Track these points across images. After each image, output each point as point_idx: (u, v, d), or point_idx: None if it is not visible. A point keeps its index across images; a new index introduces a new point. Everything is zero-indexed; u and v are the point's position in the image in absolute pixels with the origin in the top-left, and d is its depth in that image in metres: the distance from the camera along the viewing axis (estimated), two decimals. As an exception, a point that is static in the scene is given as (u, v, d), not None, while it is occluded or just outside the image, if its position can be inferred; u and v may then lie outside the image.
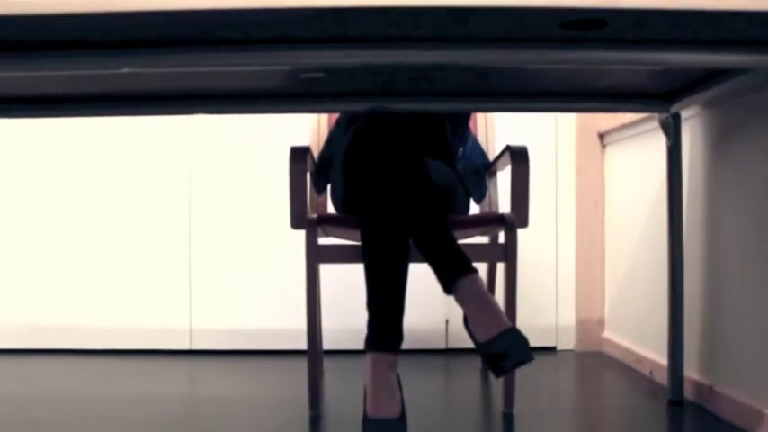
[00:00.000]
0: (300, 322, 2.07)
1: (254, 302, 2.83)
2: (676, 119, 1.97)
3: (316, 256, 1.92)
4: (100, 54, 1.33)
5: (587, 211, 2.82)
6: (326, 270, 2.51)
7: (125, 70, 1.36)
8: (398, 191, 1.79)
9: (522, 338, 1.59)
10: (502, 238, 1.95)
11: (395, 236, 1.78)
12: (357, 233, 1.86)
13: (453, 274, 1.68)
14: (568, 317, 2.85)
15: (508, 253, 1.91)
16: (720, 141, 1.89)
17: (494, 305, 1.65)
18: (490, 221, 1.99)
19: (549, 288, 2.85)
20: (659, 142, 2.21)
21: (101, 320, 2.81)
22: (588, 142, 2.82)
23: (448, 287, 1.71)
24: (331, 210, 2.23)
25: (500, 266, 2.22)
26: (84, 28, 1.25)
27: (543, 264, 2.83)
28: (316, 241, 1.94)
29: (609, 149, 2.80)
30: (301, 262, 1.91)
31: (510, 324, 1.61)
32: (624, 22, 1.23)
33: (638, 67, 1.55)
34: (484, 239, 2.24)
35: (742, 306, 1.78)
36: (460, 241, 1.88)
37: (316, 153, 2.26)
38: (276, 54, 1.32)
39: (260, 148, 2.82)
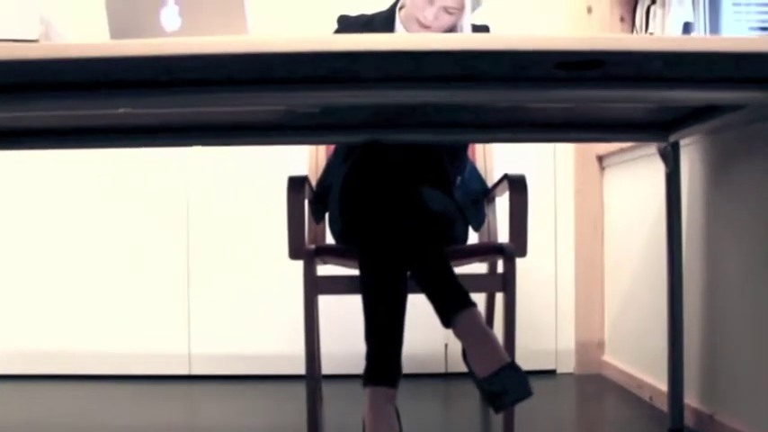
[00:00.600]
0: (300, 347, 2.06)
1: (254, 327, 2.81)
2: (675, 147, 1.97)
3: (314, 288, 1.91)
4: (96, 95, 1.32)
5: (586, 233, 2.82)
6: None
7: (121, 110, 1.35)
8: (396, 223, 1.79)
9: (520, 375, 1.58)
10: (500, 266, 1.94)
11: (393, 269, 1.78)
12: (356, 263, 1.86)
13: (452, 308, 1.68)
14: (568, 339, 2.83)
15: (507, 283, 1.90)
16: (719, 168, 1.88)
17: (493, 340, 1.64)
18: (489, 251, 1.98)
19: (548, 310, 2.84)
20: (658, 165, 2.20)
21: (100, 346, 2.80)
22: (587, 164, 2.82)
23: (446, 321, 1.70)
24: (329, 238, 2.22)
25: (499, 295, 2.20)
26: (81, 71, 1.25)
27: (542, 285, 2.82)
28: (314, 273, 1.93)
29: (608, 172, 2.79)
30: (301, 286, 1.91)
31: (509, 359, 1.60)
32: (622, 63, 1.23)
33: (636, 104, 1.55)
34: (482, 268, 2.23)
35: (743, 334, 1.77)
36: (459, 270, 1.88)
37: (314, 180, 2.25)
38: (272, 95, 1.32)
39: (258, 174, 2.81)
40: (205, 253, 2.82)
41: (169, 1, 1.43)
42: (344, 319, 2.68)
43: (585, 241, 2.81)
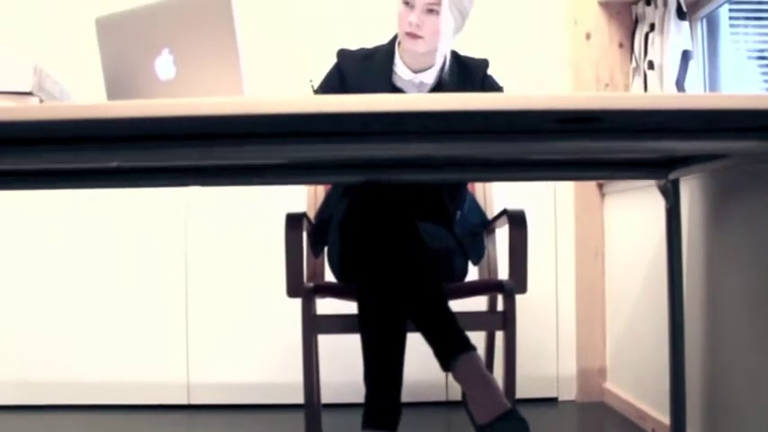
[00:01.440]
0: (299, 376, 2.05)
1: (253, 356, 2.80)
2: (675, 183, 1.96)
3: (312, 327, 1.90)
4: (88, 150, 1.32)
5: (587, 260, 2.80)
6: (324, 310, 2.47)
7: (114, 164, 1.34)
8: (394, 261, 1.78)
9: (520, 421, 1.57)
10: (500, 303, 1.93)
11: (392, 311, 1.77)
12: (354, 300, 1.85)
13: (451, 352, 1.67)
14: (569, 366, 2.82)
15: (507, 322, 1.89)
16: (720, 202, 1.87)
17: (493, 385, 1.63)
18: (488, 288, 1.97)
19: (549, 336, 2.82)
20: (658, 194, 2.19)
21: (98, 375, 2.79)
22: (587, 191, 2.81)
23: (446, 365, 1.70)
24: (328, 271, 2.20)
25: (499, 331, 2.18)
26: (74, 128, 1.24)
27: (543, 311, 2.81)
28: (312, 311, 1.92)
29: (608, 198, 2.78)
30: (300, 317, 1.90)
31: (509, 406, 1.59)
32: (617, 119, 1.23)
33: (634, 154, 1.54)
34: (482, 303, 2.22)
35: (745, 367, 1.76)
36: (458, 307, 1.87)
37: (312, 213, 2.24)
38: (268, 149, 1.31)
39: (257, 204, 2.79)
40: (203, 281, 2.81)
41: (164, 50, 1.43)
42: (344, 347, 2.67)
43: (586, 267, 2.80)
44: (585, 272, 2.80)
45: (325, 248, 2.15)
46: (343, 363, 2.65)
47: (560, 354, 2.82)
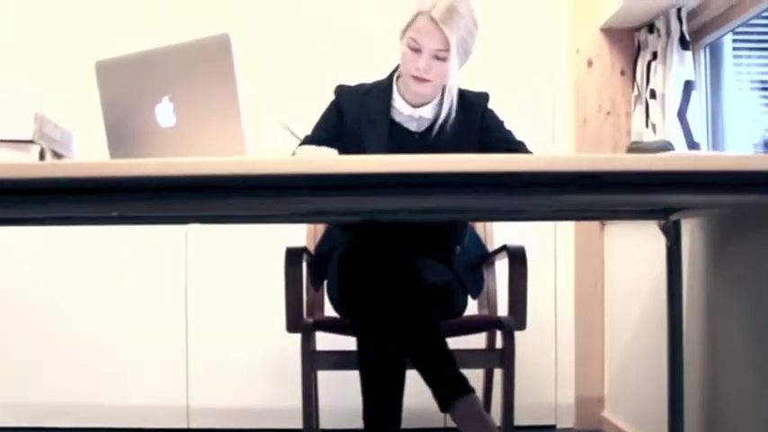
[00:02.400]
0: (299, 401, 2.05)
1: (252, 380, 2.79)
2: (676, 223, 1.96)
3: (311, 364, 1.90)
4: (89, 202, 1.31)
5: (587, 289, 2.79)
6: (323, 342, 2.45)
7: (114, 214, 1.34)
8: (393, 303, 1.78)
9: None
10: (499, 339, 1.92)
11: (391, 350, 1.77)
12: (353, 336, 1.85)
13: (450, 394, 1.67)
14: (568, 394, 2.81)
15: (506, 359, 1.89)
16: (721, 240, 1.87)
17: (491, 428, 1.63)
18: (487, 326, 1.96)
19: (548, 363, 2.82)
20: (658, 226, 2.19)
21: (97, 398, 2.78)
22: (587, 222, 2.80)
23: (444, 406, 1.69)
24: (328, 305, 2.19)
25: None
26: (76, 181, 1.23)
27: (542, 339, 2.80)
28: (311, 348, 1.92)
29: (608, 229, 2.78)
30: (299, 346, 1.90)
31: (508, 451, 1.59)
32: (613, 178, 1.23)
33: (635, 207, 1.54)
34: (480, 340, 2.20)
35: (744, 401, 1.75)
36: (456, 344, 1.86)
37: (312, 245, 2.24)
38: (269, 202, 1.30)
39: (257, 234, 2.78)
40: (203, 305, 2.80)
41: (164, 98, 1.42)
42: (343, 372, 2.66)
43: (586, 296, 2.79)
44: (585, 300, 2.79)
45: (325, 281, 2.15)
46: (343, 387, 2.65)
47: (559, 381, 2.81)
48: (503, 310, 2.16)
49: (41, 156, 1.39)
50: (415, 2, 1.89)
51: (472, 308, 2.24)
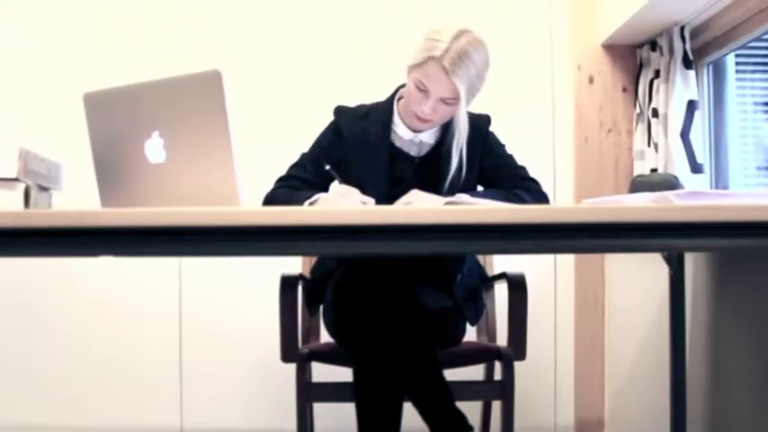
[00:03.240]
0: (293, 423, 2.01)
1: (247, 410, 2.74)
2: (679, 254, 1.92)
3: (307, 395, 1.86)
4: (77, 245, 1.27)
5: (587, 309, 2.75)
6: (319, 370, 2.41)
7: (102, 257, 1.30)
8: (389, 334, 1.74)
9: None
10: (498, 370, 1.88)
11: (387, 384, 1.74)
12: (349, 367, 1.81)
13: (448, 433, 1.63)
14: (567, 417, 2.77)
15: (505, 392, 1.85)
16: (724, 272, 1.84)
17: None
18: (486, 357, 1.92)
19: (547, 386, 2.77)
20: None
21: (92, 421, 2.73)
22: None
23: (442, 445, 1.66)
24: (323, 332, 2.15)
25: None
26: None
27: (541, 361, 2.75)
28: (307, 379, 1.88)
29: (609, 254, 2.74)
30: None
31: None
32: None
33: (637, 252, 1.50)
34: (479, 370, 2.15)
35: (747, 426, 1.72)
36: (454, 376, 1.83)
37: (308, 268, 2.20)
38: (263, 246, 1.26)
39: (251, 259, 2.73)
40: (198, 331, 2.75)
41: (154, 133, 1.38)
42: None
43: (586, 319, 2.74)
44: (585, 321, 2.75)
45: (321, 306, 2.11)
46: (339, 417, 2.61)
47: (558, 404, 2.77)
48: (501, 334, 2.12)
49: (26, 194, 1.35)
50: (426, 44, 1.82)
51: (470, 333, 2.19)
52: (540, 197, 1.97)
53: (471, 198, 1.69)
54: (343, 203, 1.71)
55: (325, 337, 2.15)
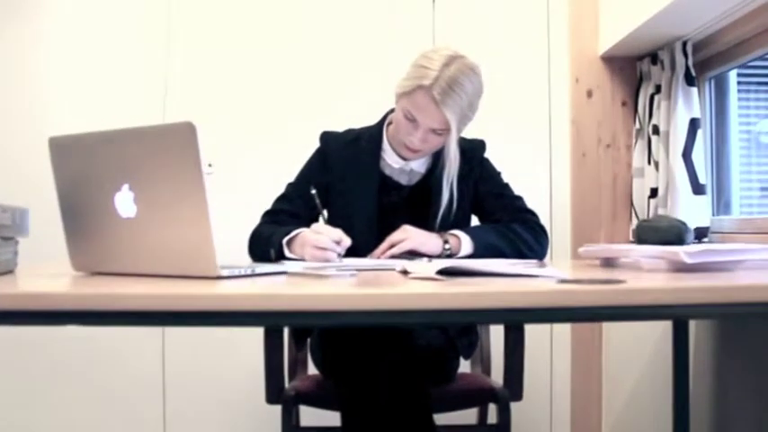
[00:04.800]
0: None
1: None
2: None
3: (292, 441, 1.77)
4: (44, 317, 1.17)
5: (584, 332, 2.67)
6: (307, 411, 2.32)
7: (69, 327, 1.20)
8: (380, 372, 1.65)
9: None
10: (493, 412, 1.80)
11: (377, 428, 1.65)
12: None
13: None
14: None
15: (501, 437, 1.77)
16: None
17: None
18: (481, 399, 1.84)
19: (543, 410, 2.70)
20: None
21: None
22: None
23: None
24: (311, 366, 2.06)
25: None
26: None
27: (537, 383, 2.68)
28: (293, 422, 1.79)
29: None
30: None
31: None
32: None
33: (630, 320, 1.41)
34: (471, 417, 2.07)
35: None
36: (446, 419, 1.74)
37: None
38: (247, 320, 1.17)
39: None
40: (181, 370, 2.65)
41: (123, 186, 1.28)
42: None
43: (583, 339, 2.66)
44: (582, 344, 2.66)
45: (309, 339, 2.02)
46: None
47: (554, 428, 2.69)
48: (495, 364, 2.04)
49: (-13, 250, 1.25)
50: (415, 71, 1.72)
51: (464, 366, 2.11)
52: (538, 231, 1.89)
53: (465, 263, 1.57)
54: (317, 240, 1.61)
55: (312, 369, 2.07)
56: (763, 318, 1.22)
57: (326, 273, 1.25)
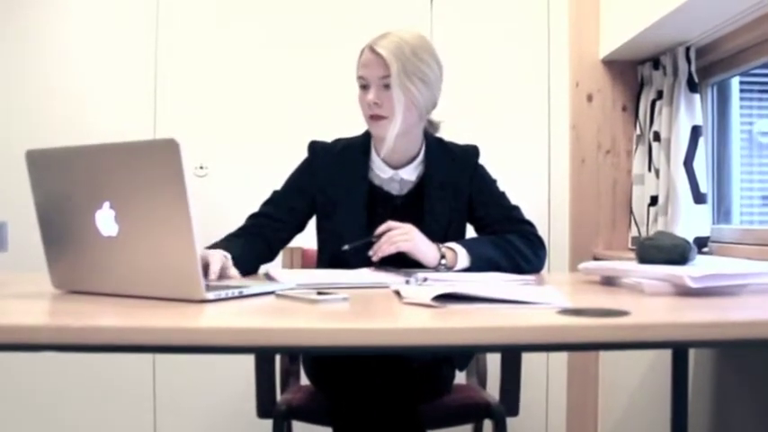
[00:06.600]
0: None
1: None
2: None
3: (282, 459, 1.73)
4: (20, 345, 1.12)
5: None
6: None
7: (47, 352, 1.15)
8: (372, 386, 1.61)
9: None
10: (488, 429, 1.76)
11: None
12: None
13: None
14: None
15: (496, 455, 1.72)
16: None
17: None
18: (476, 415, 1.79)
19: (539, 425, 2.65)
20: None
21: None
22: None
23: None
24: (303, 377, 2.02)
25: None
26: None
27: (533, 398, 2.62)
28: (283, 438, 1.74)
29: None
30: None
31: None
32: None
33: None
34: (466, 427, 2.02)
35: None
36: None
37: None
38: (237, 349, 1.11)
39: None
40: (171, 383, 2.61)
41: (104, 203, 1.23)
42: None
43: (579, 357, 2.61)
44: (578, 363, 2.61)
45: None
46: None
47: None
48: (491, 376, 2.00)
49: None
50: None
51: (459, 377, 2.06)
52: (535, 242, 1.83)
53: (461, 281, 1.52)
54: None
55: (304, 380, 2.02)
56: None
57: (317, 297, 1.20)
